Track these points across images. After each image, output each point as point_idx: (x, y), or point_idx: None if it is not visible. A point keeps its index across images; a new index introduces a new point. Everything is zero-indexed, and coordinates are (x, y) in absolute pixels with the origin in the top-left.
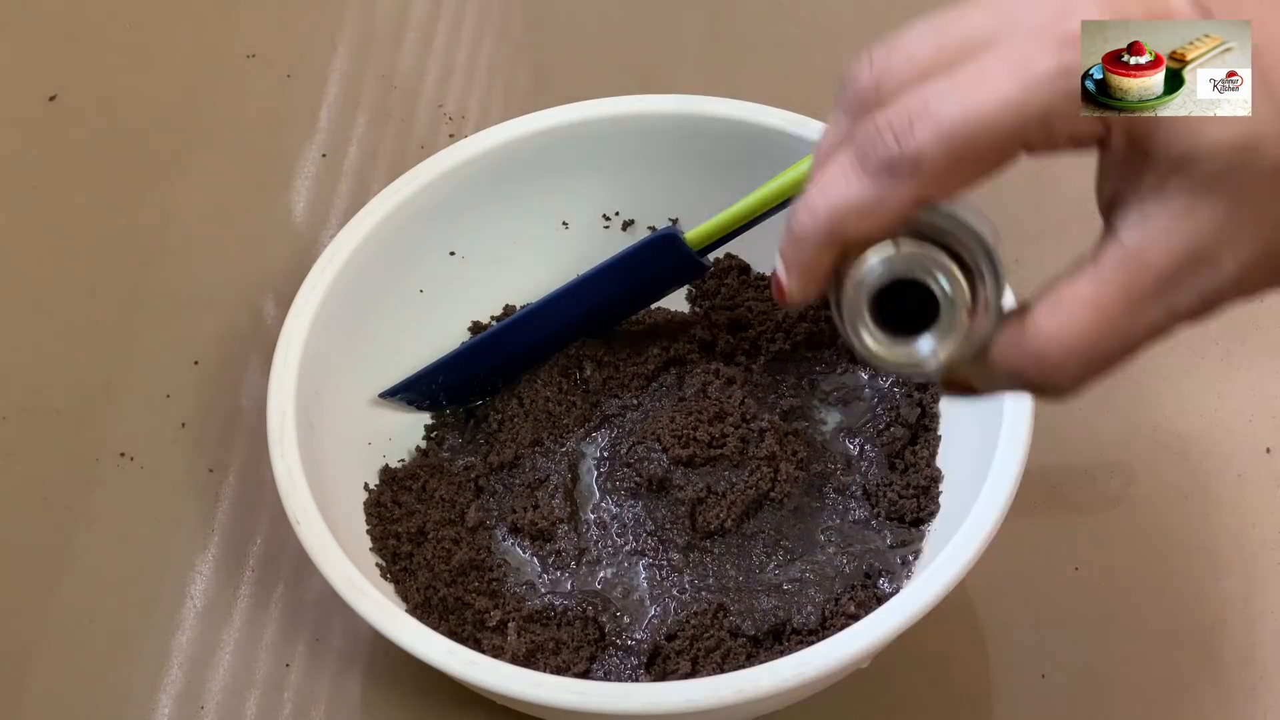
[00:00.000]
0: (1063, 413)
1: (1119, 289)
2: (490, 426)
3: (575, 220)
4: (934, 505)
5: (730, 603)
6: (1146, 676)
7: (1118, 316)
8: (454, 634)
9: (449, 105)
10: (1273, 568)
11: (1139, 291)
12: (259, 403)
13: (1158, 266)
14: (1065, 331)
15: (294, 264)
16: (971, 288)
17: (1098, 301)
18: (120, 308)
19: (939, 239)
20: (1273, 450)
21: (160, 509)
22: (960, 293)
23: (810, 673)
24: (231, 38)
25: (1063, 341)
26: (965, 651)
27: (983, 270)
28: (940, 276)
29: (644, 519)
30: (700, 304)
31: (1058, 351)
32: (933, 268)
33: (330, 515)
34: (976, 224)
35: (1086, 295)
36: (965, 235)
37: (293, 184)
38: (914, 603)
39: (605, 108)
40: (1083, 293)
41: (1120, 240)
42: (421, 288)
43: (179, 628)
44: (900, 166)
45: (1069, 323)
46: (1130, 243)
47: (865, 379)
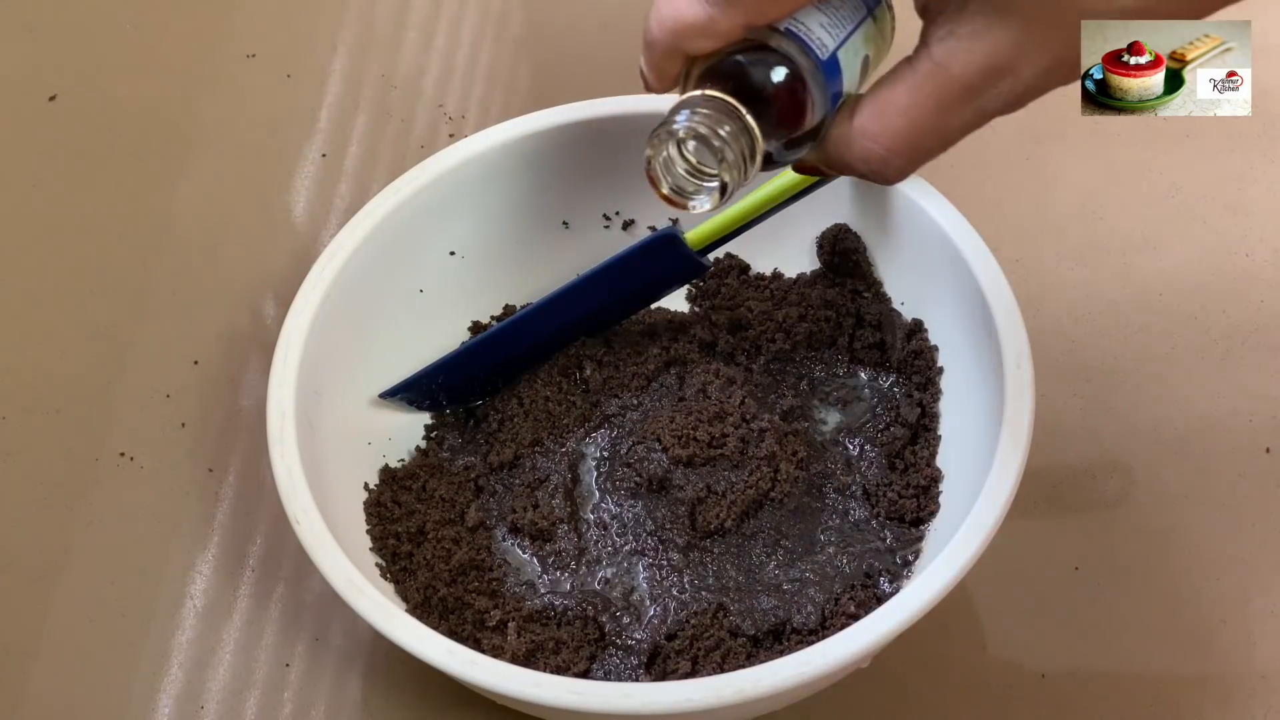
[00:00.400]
0: (1063, 413)
1: (930, 96)
2: (490, 426)
3: (575, 220)
4: (934, 505)
5: (730, 603)
6: (1147, 676)
7: (931, 119)
8: (454, 634)
9: (449, 105)
10: (1273, 568)
11: (949, 98)
12: (259, 403)
13: (963, 78)
14: (887, 134)
15: (294, 264)
16: (797, 97)
17: (913, 107)
18: (120, 308)
19: (776, 47)
20: (1273, 450)
21: (160, 509)
22: (742, 145)
23: (810, 673)
24: (231, 38)
25: (885, 142)
26: (965, 651)
27: (807, 81)
28: (721, 142)
29: (644, 519)
30: (700, 304)
31: (883, 150)
32: (718, 129)
33: (330, 515)
34: (808, 38)
35: (903, 102)
36: (792, 50)
37: (293, 184)
38: (914, 603)
39: (605, 108)
40: (900, 100)
41: (930, 53)
42: (421, 288)
43: (179, 628)
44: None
45: (889, 126)
46: (938, 56)
47: (865, 379)
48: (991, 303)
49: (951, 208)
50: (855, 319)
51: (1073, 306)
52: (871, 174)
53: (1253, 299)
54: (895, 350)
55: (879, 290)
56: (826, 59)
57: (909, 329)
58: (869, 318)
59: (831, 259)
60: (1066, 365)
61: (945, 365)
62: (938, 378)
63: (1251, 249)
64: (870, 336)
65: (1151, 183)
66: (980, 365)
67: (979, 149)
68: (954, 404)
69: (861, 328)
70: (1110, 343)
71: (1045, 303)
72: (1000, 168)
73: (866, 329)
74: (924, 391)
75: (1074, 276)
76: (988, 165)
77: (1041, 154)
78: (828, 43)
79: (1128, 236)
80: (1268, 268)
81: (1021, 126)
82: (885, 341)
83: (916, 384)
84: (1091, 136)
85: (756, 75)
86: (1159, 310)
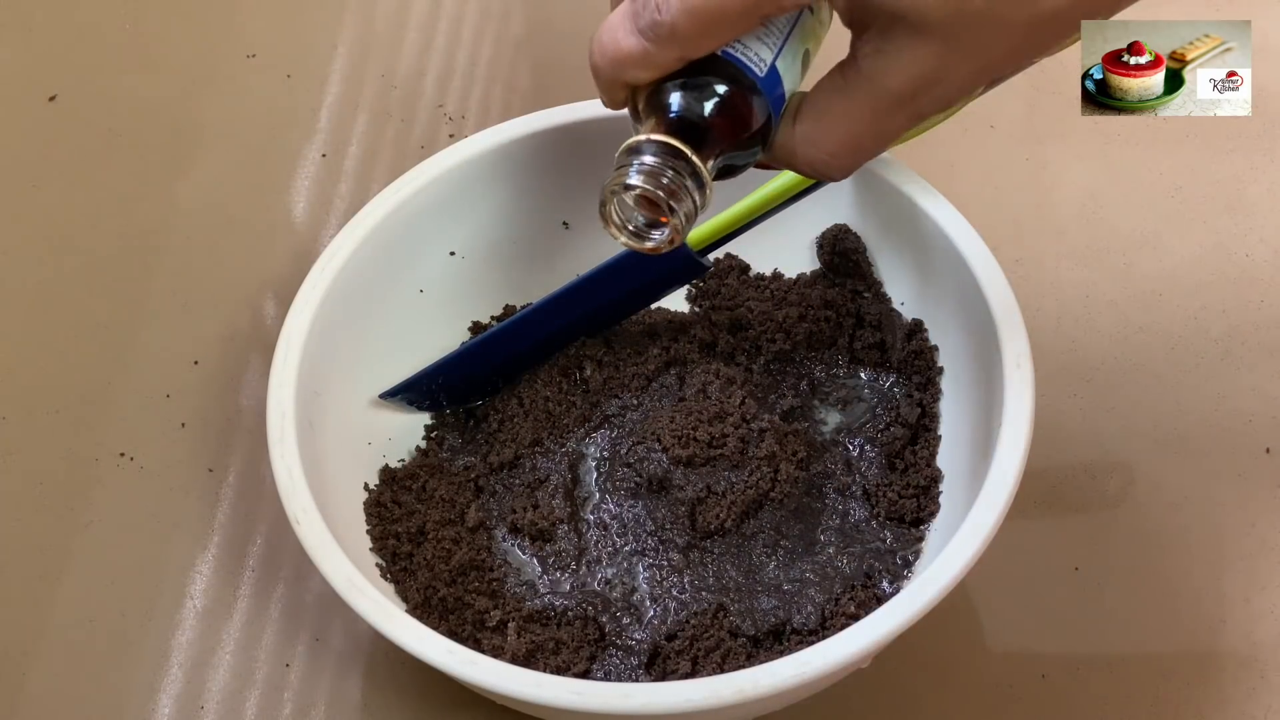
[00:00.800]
0: (1063, 413)
1: (865, 106)
2: (490, 426)
3: (575, 220)
4: (934, 505)
5: (730, 603)
6: (1147, 676)
7: (868, 125)
8: (454, 634)
9: (449, 105)
10: (1273, 568)
11: (883, 107)
12: (259, 403)
13: (894, 90)
14: (828, 140)
15: (294, 264)
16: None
17: (849, 116)
18: (120, 308)
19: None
20: (1273, 450)
21: (160, 509)
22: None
23: (810, 673)
24: (231, 38)
25: (827, 149)
26: (965, 651)
27: (748, 99)
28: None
29: (644, 519)
30: (700, 304)
31: (825, 156)
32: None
33: (330, 515)
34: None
35: (839, 111)
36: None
37: (293, 184)
38: (914, 603)
39: (605, 108)
40: (837, 109)
41: (859, 67)
42: (421, 288)
43: (179, 628)
44: (660, 31)
45: (829, 133)
46: (867, 70)
47: (865, 379)
48: (991, 303)
49: (951, 208)
50: (855, 319)
51: (1073, 306)
52: (817, 175)
53: (1253, 299)
54: (895, 350)
55: (879, 290)
56: (765, 74)
57: (909, 329)
58: (869, 318)
59: (831, 259)
60: (1066, 365)
61: (945, 365)
62: (938, 378)
63: (1251, 249)
64: (870, 336)
65: (1151, 183)
66: (980, 365)
67: (979, 149)
68: (954, 404)
69: (861, 328)
70: (1110, 343)
71: (1045, 303)
72: (1000, 168)
73: (866, 329)
74: (924, 391)
75: (1074, 276)
76: (988, 165)
77: (1041, 154)
78: (765, 56)
79: (1128, 236)
80: (1268, 268)
81: (1021, 126)
82: (885, 341)
83: (916, 384)
84: (1091, 136)
85: (696, 105)
86: (1159, 310)
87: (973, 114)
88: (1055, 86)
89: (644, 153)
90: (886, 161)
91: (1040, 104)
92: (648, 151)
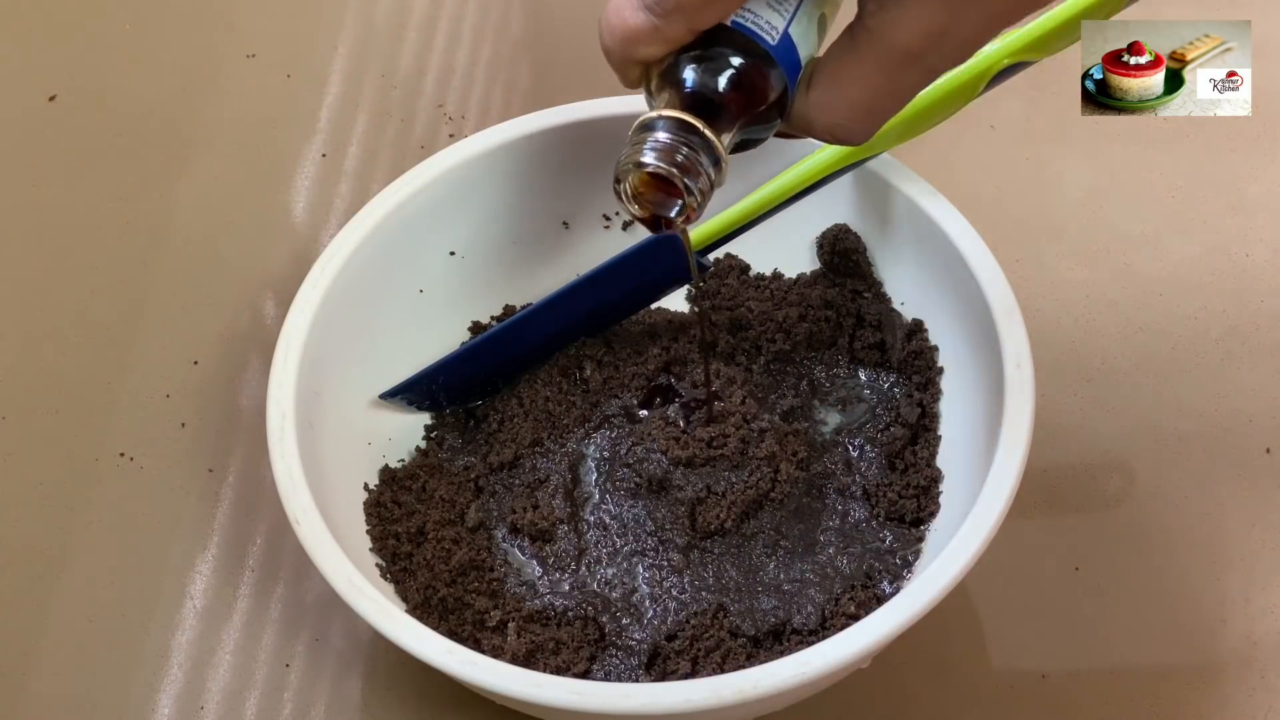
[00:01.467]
0: (1063, 413)
1: (877, 66)
2: (490, 426)
3: (575, 220)
4: (934, 505)
5: (730, 603)
6: (1146, 676)
7: (883, 85)
8: (454, 634)
9: (449, 105)
10: (1273, 568)
11: (895, 65)
12: (259, 403)
13: (906, 46)
14: (844, 104)
15: (294, 264)
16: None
17: (863, 78)
18: (120, 308)
19: (727, 43)
20: (1273, 450)
21: (160, 509)
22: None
23: (810, 673)
24: (231, 38)
25: (844, 112)
26: (965, 651)
27: (762, 70)
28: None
29: (644, 519)
30: (700, 304)
31: (843, 119)
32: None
33: (330, 515)
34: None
35: (851, 73)
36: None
37: (293, 184)
38: (914, 603)
39: (605, 108)
40: (850, 73)
41: (867, 25)
42: (421, 288)
43: (179, 628)
44: (665, 4)
45: (845, 97)
46: (874, 28)
47: (865, 379)
48: (991, 303)
49: (951, 208)
50: (855, 319)
51: (1073, 306)
52: (838, 141)
53: (1253, 299)
54: (895, 350)
55: (879, 290)
56: (778, 42)
57: (909, 329)
58: (869, 318)
59: (831, 259)
60: (1066, 365)
61: (945, 365)
62: (938, 378)
63: (1251, 249)
64: (870, 337)
65: (1151, 183)
66: (980, 365)
67: (979, 149)
68: (954, 404)
69: (862, 328)
70: (1110, 343)
71: (1045, 303)
72: (1000, 168)
73: (867, 329)
74: (924, 392)
75: (1074, 276)
76: (988, 165)
77: (1041, 154)
78: (777, 24)
79: (1128, 236)
80: (1268, 268)
81: (1021, 126)
82: (885, 342)
83: (916, 384)
84: (1091, 136)
85: (706, 78)
86: (1159, 310)
87: (973, 114)
88: (1055, 86)
89: (657, 129)
90: (886, 161)
91: (1040, 104)
92: (660, 128)
